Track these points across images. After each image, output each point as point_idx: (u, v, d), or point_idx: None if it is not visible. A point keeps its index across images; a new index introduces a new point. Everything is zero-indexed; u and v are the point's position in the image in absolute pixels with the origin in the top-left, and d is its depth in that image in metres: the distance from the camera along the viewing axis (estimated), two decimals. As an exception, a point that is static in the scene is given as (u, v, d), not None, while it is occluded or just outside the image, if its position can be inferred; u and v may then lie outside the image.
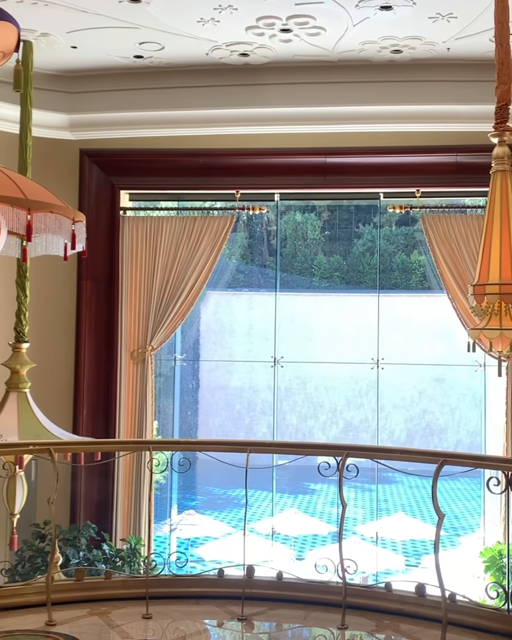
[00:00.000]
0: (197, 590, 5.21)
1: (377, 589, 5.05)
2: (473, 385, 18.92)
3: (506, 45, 5.07)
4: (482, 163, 6.17)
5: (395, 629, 4.71)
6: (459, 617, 4.57)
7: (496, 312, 4.84)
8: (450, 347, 20.37)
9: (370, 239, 22.76)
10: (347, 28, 7.44)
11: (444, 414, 22.26)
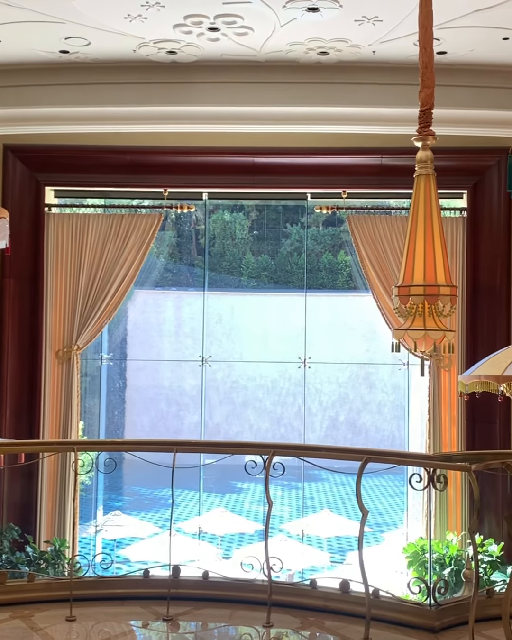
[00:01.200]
0: (123, 592, 5.17)
1: (303, 587, 5.09)
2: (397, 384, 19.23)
3: (430, 49, 5.15)
4: (406, 165, 6.25)
5: (320, 626, 4.75)
6: (383, 613, 4.64)
7: (420, 313, 4.92)
8: (375, 346, 20.66)
9: (297, 239, 22.90)
10: (274, 29, 7.46)
11: (369, 412, 22.55)
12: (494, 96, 8.50)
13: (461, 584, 7.68)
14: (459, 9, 6.88)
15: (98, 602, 5.04)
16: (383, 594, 4.80)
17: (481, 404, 8.67)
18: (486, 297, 9.14)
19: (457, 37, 7.50)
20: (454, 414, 9.15)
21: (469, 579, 6.92)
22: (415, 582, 4.84)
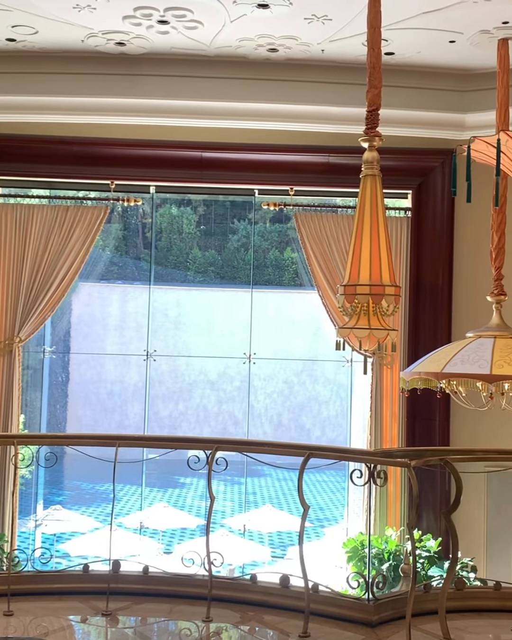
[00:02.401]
0: (62, 586, 5.13)
1: (243, 581, 5.11)
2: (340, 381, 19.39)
3: (378, 49, 5.21)
4: (353, 164, 6.32)
5: (259, 620, 4.78)
6: (322, 607, 4.68)
7: (365, 312, 4.99)
8: (319, 343, 20.80)
9: (245, 234, 22.92)
10: (224, 24, 7.46)
11: (313, 408, 22.70)
12: (440, 98, 8.62)
13: (399, 579, 7.79)
14: (407, 11, 6.96)
15: (37, 597, 4.99)
16: (323, 588, 4.84)
17: (421, 401, 8.80)
18: (429, 297, 9.27)
19: (404, 38, 7.58)
20: (395, 411, 9.27)
21: (407, 573, 7.03)
22: (354, 577, 4.91)
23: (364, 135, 5.14)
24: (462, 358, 4.91)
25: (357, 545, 8.57)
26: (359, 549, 8.53)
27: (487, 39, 7.46)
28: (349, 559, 8.59)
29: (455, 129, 8.77)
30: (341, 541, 9.08)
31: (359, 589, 4.88)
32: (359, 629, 4.57)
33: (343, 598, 4.87)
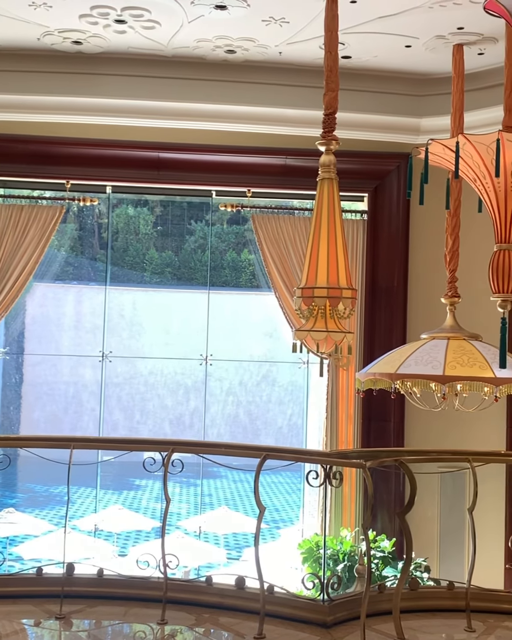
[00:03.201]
0: (15, 590, 5.06)
1: (198, 583, 5.09)
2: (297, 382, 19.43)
3: (335, 53, 5.25)
4: (310, 167, 6.34)
5: (214, 622, 4.77)
6: (277, 609, 4.68)
7: (322, 315, 5.02)
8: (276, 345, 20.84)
9: (202, 236, 22.88)
10: (182, 24, 7.44)
11: (269, 409, 22.73)
12: (396, 102, 8.70)
13: (354, 580, 7.83)
14: (363, 15, 7.01)
15: (-12, 601, 4.92)
16: (278, 590, 4.84)
17: (376, 403, 8.88)
18: (384, 299, 9.35)
19: (361, 42, 7.64)
20: (351, 413, 9.33)
21: (361, 574, 7.06)
22: (309, 578, 4.92)
23: (321, 139, 5.17)
24: (416, 359, 4.96)
25: (312, 546, 8.60)
26: (314, 550, 8.56)
27: (442, 44, 7.55)
28: (304, 560, 8.62)
29: (410, 133, 8.86)
30: (296, 542, 9.10)
31: (314, 590, 4.89)
32: (314, 630, 4.59)
33: (298, 599, 4.88)
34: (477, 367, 4.79)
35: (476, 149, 3.27)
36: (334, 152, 5.17)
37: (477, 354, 4.89)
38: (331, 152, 5.18)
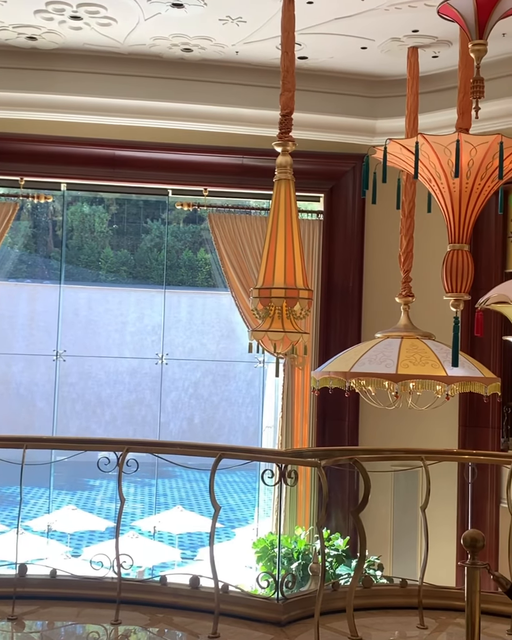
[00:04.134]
0: (-35, 592, 4.99)
1: (153, 583, 5.07)
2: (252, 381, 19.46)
3: (291, 53, 5.26)
4: (267, 167, 6.36)
5: (168, 622, 4.75)
6: (231, 608, 4.67)
7: (279, 315, 5.04)
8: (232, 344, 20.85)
9: (158, 234, 22.80)
10: (138, 22, 7.40)
11: (225, 408, 22.73)
12: (352, 104, 8.76)
13: (308, 578, 7.86)
14: (320, 16, 7.05)
15: None
16: (233, 589, 4.84)
17: (331, 402, 8.93)
18: (339, 298, 9.40)
19: (318, 43, 7.67)
20: (306, 412, 9.37)
21: (315, 572, 7.09)
22: (264, 577, 4.92)
23: (278, 140, 5.19)
24: (370, 358, 5.00)
25: (267, 545, 8.63)
26: (268, 548, 8.58)
27: (397, 46, 7.62)
28: (259, 559, 8.64)
29: (366, 135, 8.92)
30: (251, 541, 9.12)
31: (269, 588, 4.89)
32: (268, 629, 4.59)
33: (253, 598, 4.88)
34: (429, 366, 4.84)
35: (434, 150, 3.30)
36: (291, 153, 5.19)
37: (430, 353, 4.94)
38: (288, 153, 5.20)
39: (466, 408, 8.83)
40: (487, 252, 8.72)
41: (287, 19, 5.28)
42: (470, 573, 3.40)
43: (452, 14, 3.19)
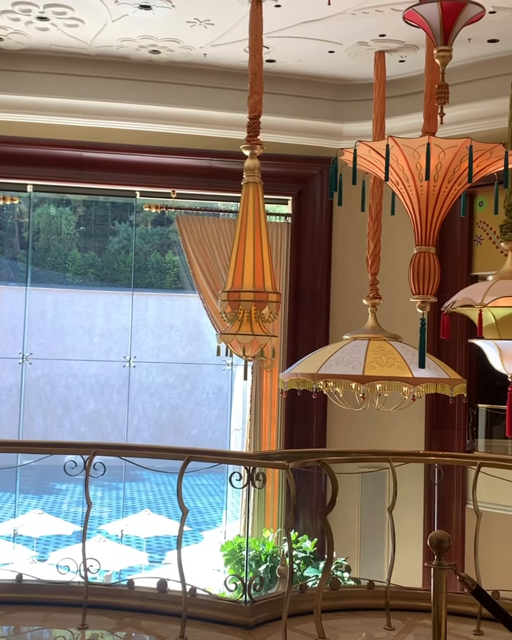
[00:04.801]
0: None
1: (120, 587, 5.03)
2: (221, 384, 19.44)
3: (259, 56, 5.27)
4: (235, 169, 6.36)
5: (136, 626, 4.72)
6: (199, 611, 4.66)
7: (248, 318, 5.05)
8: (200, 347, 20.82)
9: (125, 236, 22.70)
10: (106, 23, 7.37)
11: (193, 411, 22.69)
12: (320, 107, 8.79)
13: (276, 580, 7.85)
14: (288, 19, 7.06)
15: None
16: (200, 592, 4.83)
17: (299, 405, 8.95)
18: (307, 301, 9.43)
19: (286, 46, 7.69)
20: (274, 414, 9.38)
21: (283, 575, 7.08)
22: (231, 580, 4.92)
23: (246, 143, 5.20)
24: (337, 359, 5.02)
25: (235, 548, 8.62)
26: (236, 551, 8.58)
27: (364, 50, 7.66)
28: (226, 562, 8.63)
29: (333, 138, 8.95)
30: (219, 544, 9.11)
31: (237, 591, 4.89)
32: (236, 632, 4.58)
33: (220, 601, 4.87)
34: (395, 367, 4.88)
35: (403, 152, 3.32)
36: (259, 156, 5.20)
37: (397, 355, 4.97)
38: (256, 156, 5.21)
39: (432, 410, 8.89)
40: (454, 255, 8.79)
41: (255, 22, 5.29)
42: (436, 574, 3.43)
43: (418, 20, 3.20)
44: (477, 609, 4.43)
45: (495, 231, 8.29)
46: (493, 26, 6.71)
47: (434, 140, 3.25)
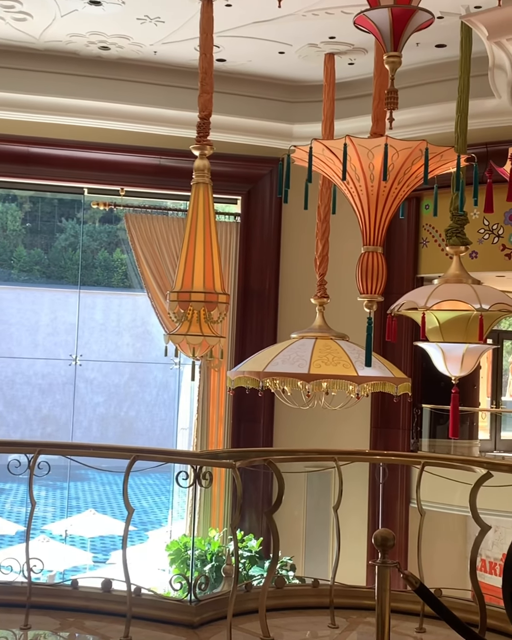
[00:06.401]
0: None
1: (63, 587, 4.99)
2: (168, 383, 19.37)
3: (210, 55, 5.28)
4: (185, 168, 6.35)
5: (79, 626, 4.68)
6: (144, 611, 4.63)
7: (197, 319, 5.04)
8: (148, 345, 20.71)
9: (73, 234, 22.48)
10: (55, 18, 7.29)
11: (140, 410, 22.57)
12: (270, 107, 8.82)
13: (221, 580, 7.87)
14: (239, 19, 7.07)
15: None
16: (145, 591, 4.80)
17: (246, 404, 8.97)
18: (256, 300, 9.45)
19: (236, 46, 7.70)
20: (221, 413, 9.38)
21: (229, 574, 7.10)
22: (176, 579, 4.89)
23: (196, 143, 5.19)
24: (283, 358, 5.05)
25: (180, 547, 8.60)
26: (182, 551, 8.55)
27: (315, 52, 7.71)
28: (172, 562, 8.60)
29: (283, 139, 8.97)
30: (164, 544, 9.07)
31: (181, 591, 4.87)
32: (180, 631, 4.57)
33: (165, 600, 4.85)
34: (341, 366, 4.92)
35: (357, 152, 3.34)
36: (209, 155, 5.20)
37: (342, 353, 5.01)
38: (205, 156, 5.21)
39: (378, 410, 8.99)
40: (400, 257, 8.90)
41: (205, 20, 5.29)
42: (381, 572, 3.46)
43: (368, 25, 3.22)
44: (420, 606, 4.49)
45: (440, 234, 8.41)
46: (441, 31, 6.80)
47: (389, 141, 3.27)
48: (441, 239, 8.38)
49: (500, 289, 4.68)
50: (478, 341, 4.51)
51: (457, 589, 4.92)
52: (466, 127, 5.04)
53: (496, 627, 4.39)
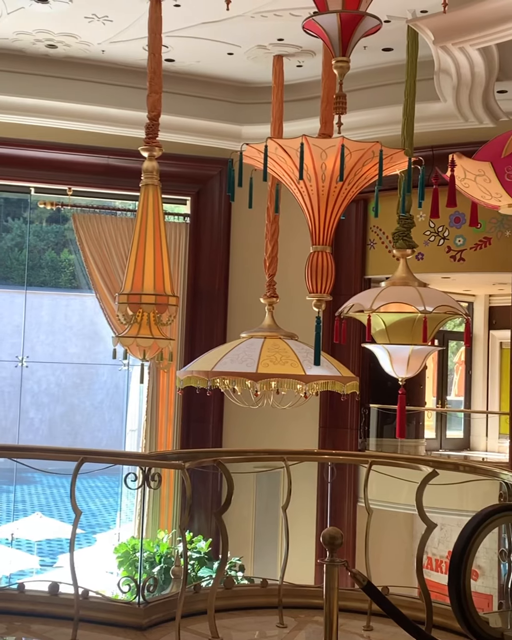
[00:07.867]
0: None
1: (9, 591, 4.93)
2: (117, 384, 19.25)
3: (158, 55, 5.26)
4: (133, 168, 6.32)
5: (26, 630, 4.63)
6: (92, 614, 4.60)
7: (147, 321, 5.02)
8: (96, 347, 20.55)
9: (19, 234, 22.20)
10: (0, 15, 7.19)
11: (88, 412, 22.40)
12: (219, 108, 8.82)
13: (170, 581, 7.84)
14: (187, 19, 7.06)
15: None
16: (93, 594, 4.77)
17: (196, 405, 8.96)
18: (205, 301, 9.44)
19: (185, 46, 7.69)
20: (170, 414, 9.35)
21: (177, 575, 7.08)
22: (125, 582, 4.87)
23: (145, 145, 5.17)
24: (232, 357, 5.05)
25: (128, 549, 8.55)
26: (130, 553, 8.50)
27: (263, 54, 7.74)
28: (120, 564, 8.54)
29: (232, 140, 8.97)
30: (112, 546, 9.01)
31: (130, 593, 4.85)
32: (129, 633, 4.55)
33: (113, 603, 4.82)
34: (289, 365, 4.94)
35: (311, 152, 3.36)
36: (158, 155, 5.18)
37: (291, 353, 5.04)
38: (154, 158, 5.19)
39: (326, 410, 9.05)
40: (348, 259, 8.97)
41: (154, 20, 5.27)
42: (329, 570, 3.49)
43: (317, 30, 3.24)
44: (367, 604, 4.53)
45: (388, 236, 8.51)
46: (388, 35, 6.85)
47: (345, 142, 3.30)
48: (388, 241, 8.47)
49: (445, 291, 4.76)
50: (423, 343, 4.58)
51: (404, 587, 4.96)
52: (413, 130, 5.11)
53: (442, 624, 4.44)
